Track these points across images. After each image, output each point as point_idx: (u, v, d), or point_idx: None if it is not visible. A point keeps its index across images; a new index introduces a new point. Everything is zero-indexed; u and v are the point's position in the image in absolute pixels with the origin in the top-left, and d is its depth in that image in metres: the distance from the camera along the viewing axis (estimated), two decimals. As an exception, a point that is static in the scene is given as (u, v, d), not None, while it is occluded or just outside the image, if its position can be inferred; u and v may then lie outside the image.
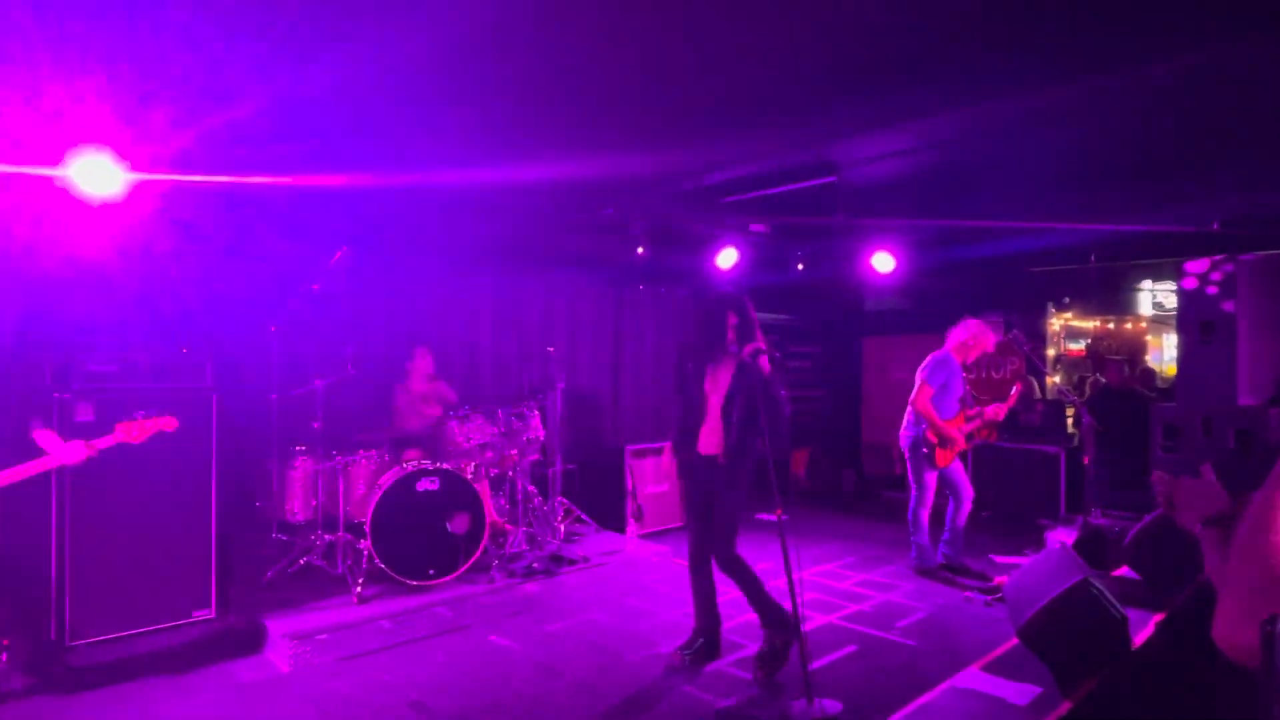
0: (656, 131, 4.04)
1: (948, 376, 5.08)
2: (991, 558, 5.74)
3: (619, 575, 5.16)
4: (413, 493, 4.69)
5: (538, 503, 5.76)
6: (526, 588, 4.82)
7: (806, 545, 6.15)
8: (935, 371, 5.08)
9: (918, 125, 3.89)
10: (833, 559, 5.75)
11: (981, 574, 5.15)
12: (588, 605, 4.58)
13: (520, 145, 4.02)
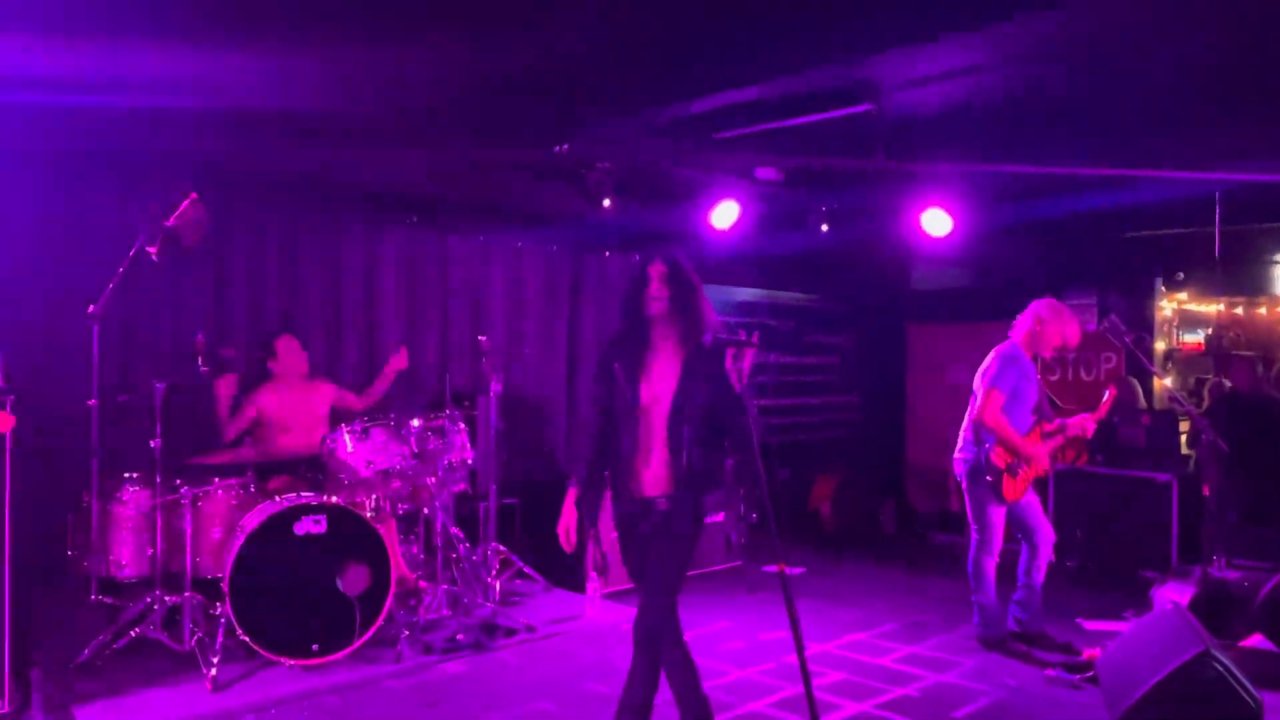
0: (627, 32, 3.99)
1: (1019, 378, 5.10)
2: (1080, 623, 5.75)
3: (576, 651, 5.12)
4: (289, 537, 4.65)
5: (464, 550, 5.75)
6: (448, 668, 4.79)
7: (832, 606, 6.15)
8: (1004, 371, 5.09)
9: (986, 32, 3.87)
10: (867, 626, 5.74)
11: (1067, 645, 5.16)
12: (533, 693, 4.54)
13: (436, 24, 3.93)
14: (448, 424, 5.45)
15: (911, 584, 6.84)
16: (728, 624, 5.71)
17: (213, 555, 4.87)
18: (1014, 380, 5.07)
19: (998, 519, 5.13)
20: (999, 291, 8.01)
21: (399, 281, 6.80)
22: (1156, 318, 8.26)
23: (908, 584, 6.84)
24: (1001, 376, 5.06)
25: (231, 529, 4.86)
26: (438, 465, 5.29)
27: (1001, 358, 5.13)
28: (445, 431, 5.42)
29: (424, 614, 5.19)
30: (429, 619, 5.21)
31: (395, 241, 6.78)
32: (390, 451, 5.14)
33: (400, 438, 5.20)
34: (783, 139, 5.64)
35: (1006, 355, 5.13)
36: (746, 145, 5.81)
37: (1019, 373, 5.09)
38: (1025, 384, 5.12)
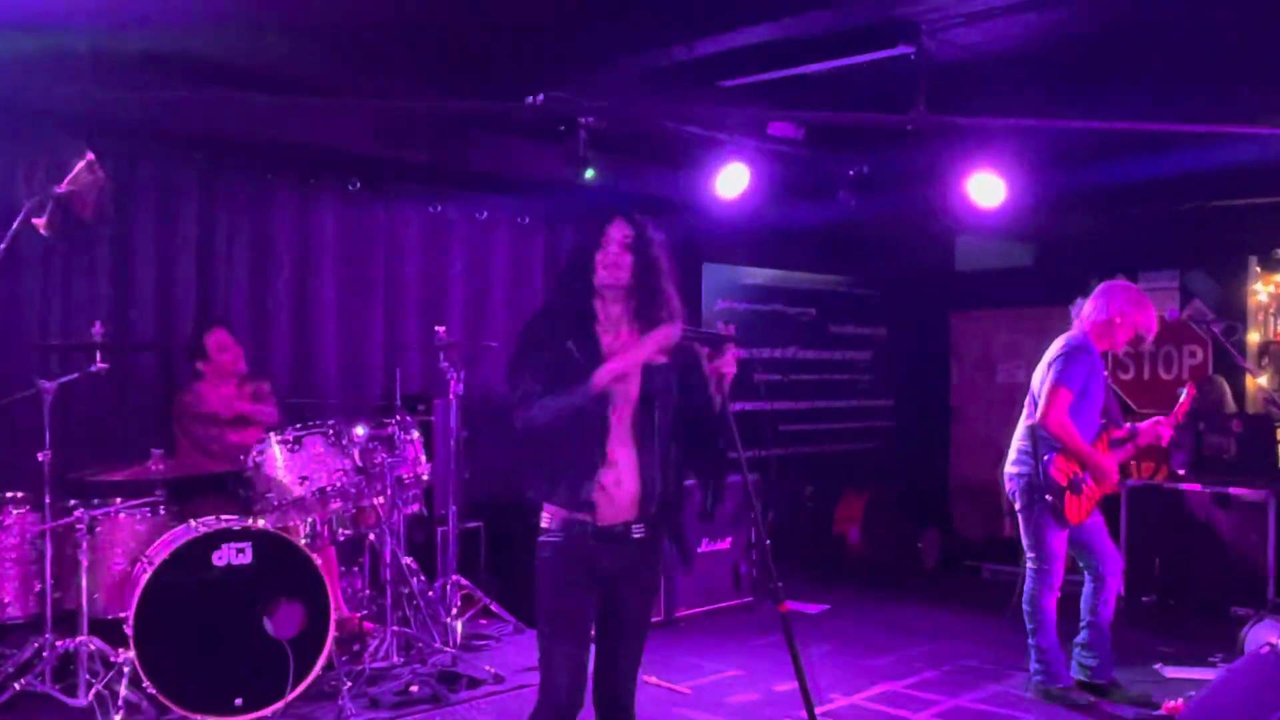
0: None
1: (1088, 374, 5.10)
2: (1158, 670, 5.75)
3: (553, 704, 5.13)
4: (208, 569, 4.64)
5: (418, 585, 5.73)
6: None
7: (860, 651, 6.14)
8: (1072, 365, 5.08)
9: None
10: (903, 674, 5.73)
11: (1142, 697, 5.17)
12: (501, 755, 4.54)
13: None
14: (398, 432, 5.42)
15: (955, 624, 6.84)
16: (738, 672, 5.72)
17: (114, 591, 4.82)
18: (1083, 377, 5.05)
19: (1058, 546, 5.13)
20: (1061, 273, 8.05)
21: (338, 260, 6.78)
22: (1250, 304, 8.26)
23: (951, 624, 6.84)
24: (1069, 371, 5.04)
25: (137, 559, 4.81)
26: (386, 482, 5.26)
27: (1069, 349, 5.11)
28: (395, 441, 5.40)
29: (370, 661, 5.16)
30: (376, 667, 5.17)
31: (333, 212, 6.77)
32: (329, 466, 5.11)
33: (341, 449, 5.17)
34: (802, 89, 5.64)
35: (1075, 346, 5.12)
36: (758, 96, 5.81)
37: (1089, 368, 5.07)
38: (1095, 382, 5.11)
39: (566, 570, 3.11)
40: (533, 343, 3.14)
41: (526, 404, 3.04)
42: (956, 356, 9.62)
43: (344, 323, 6.80)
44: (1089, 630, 5.22)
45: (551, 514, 3.12)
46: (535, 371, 3.07)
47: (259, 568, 4.72)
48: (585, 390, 2.99)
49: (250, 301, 6.40)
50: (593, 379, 2.99)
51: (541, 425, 3.04)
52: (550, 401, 3.01)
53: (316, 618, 4.79)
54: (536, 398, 3.04)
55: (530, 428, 3.06)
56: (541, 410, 3.02)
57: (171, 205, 6.13)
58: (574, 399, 3.00)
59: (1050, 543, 5.11)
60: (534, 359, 3.10)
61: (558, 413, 3.01)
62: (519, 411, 3.05)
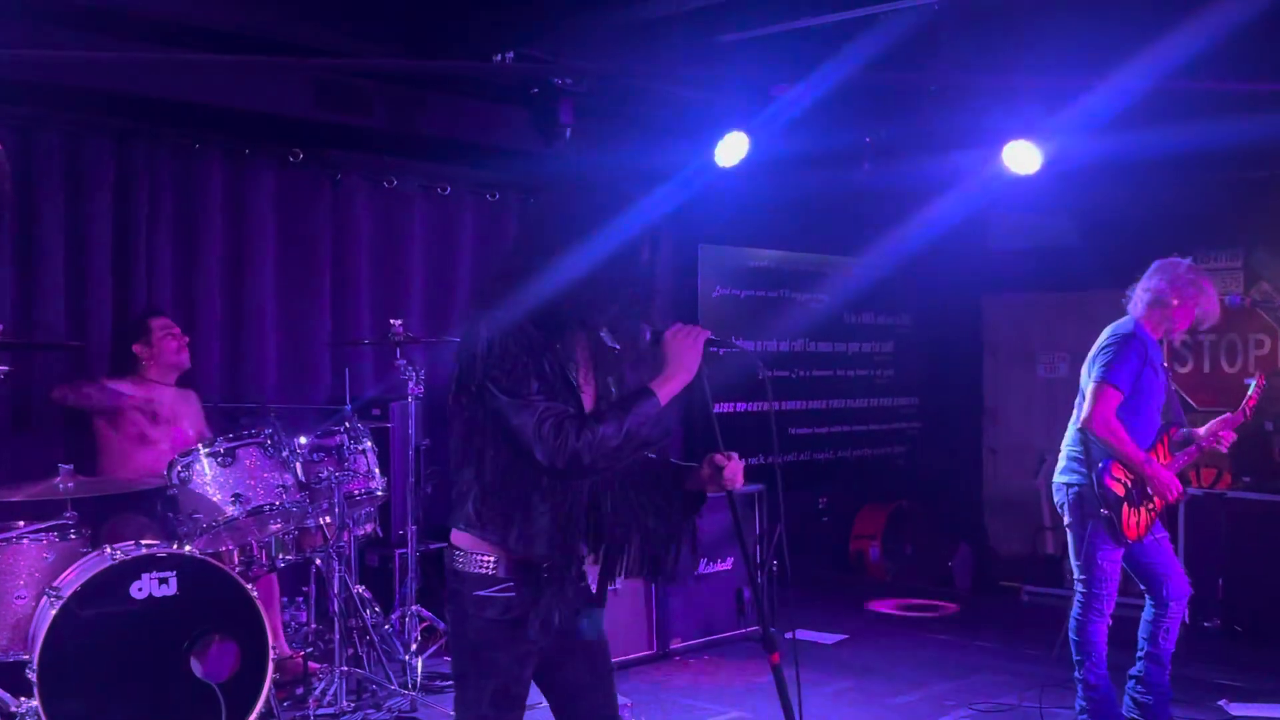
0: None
1: (1142, 368, 5.08)
2: (1223, 706, 5.73)
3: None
4: (126, 602, 4.58)
5: (372, 617, 5.72)
6: (349, 782, 4.82)
7: (882, 687, 6.13)
8: (1122, 359, 5.06)
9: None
10: (931, 713, 5.74)
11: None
12: (467, 814, 4.48)
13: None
14: (347, 442, 5.43)
15: (991, 654, 6.82)
16: (741, 714, 5.71)
17: (15, 630, 4.72)
18: (1135, 371, 5.04)
19: (1112, 567, 5.11)
20: (1108, 251, 8.01)
21: (277, 242, 6.75)
22: (1327, 287, 8.28)
23: (986, 654, 6.82)
24: (1118, 366, 5.03)
25: (43, 593, 4.71)
26: (334, 499, 5.26)
27: (1119, 339, 5.10)
28: (344, 452, 5.40)
29: (316, 707, 5.15)
30: (323, 714, 5.16)
31: (272, 187, 6.73)
32: (266, 481, 5.09)
33: (280, 462, 5.15)
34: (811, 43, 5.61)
35: (1125, 336, 5.10)
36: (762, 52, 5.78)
37: (1142, 361, 5.06)
38: (1151, 376, 5.09)
39: (520, 637, 2.94)
40: (524, 350, 2.88)
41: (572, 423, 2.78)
42: (990, 348, 9.62)
43: (284, 315, 6.77)
44: (1146, 662, 5.18)
45: (498, 559, 2.92)
46: (547, 386, 2.87)
47: (185, 600, 4.66)
48: (653, 407, 2.85)
49: (176, 291, 6.36)
50: (657, 393, 2.86)
51: (611, 452, 2.80)
52: (615, 422, 2.80)
53: (252, 657, 4.74)
54: (563, 415, 2.81)
55: (597, 456, 2.78)
56: (615, 433, 2.78)
57: (82, 181, 6.06)
58: (644, 419, 2.83)
59: (1103, 563, 5.08)
60: (540, 368, 2.89)
61: (628, 434, 2.79)
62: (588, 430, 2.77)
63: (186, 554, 4.73)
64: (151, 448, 5.50)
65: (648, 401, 2.84)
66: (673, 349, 2.94)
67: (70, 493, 4.97)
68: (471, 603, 2.92)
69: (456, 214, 7.49)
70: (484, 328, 2.87)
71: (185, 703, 4.62)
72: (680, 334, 2.97)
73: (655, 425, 2.85)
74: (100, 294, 6.09)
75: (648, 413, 2.83)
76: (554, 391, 2.85)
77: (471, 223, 7.57)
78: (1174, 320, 5.18)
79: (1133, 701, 5.22)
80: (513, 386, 2.81)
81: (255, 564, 5.26)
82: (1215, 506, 7.22)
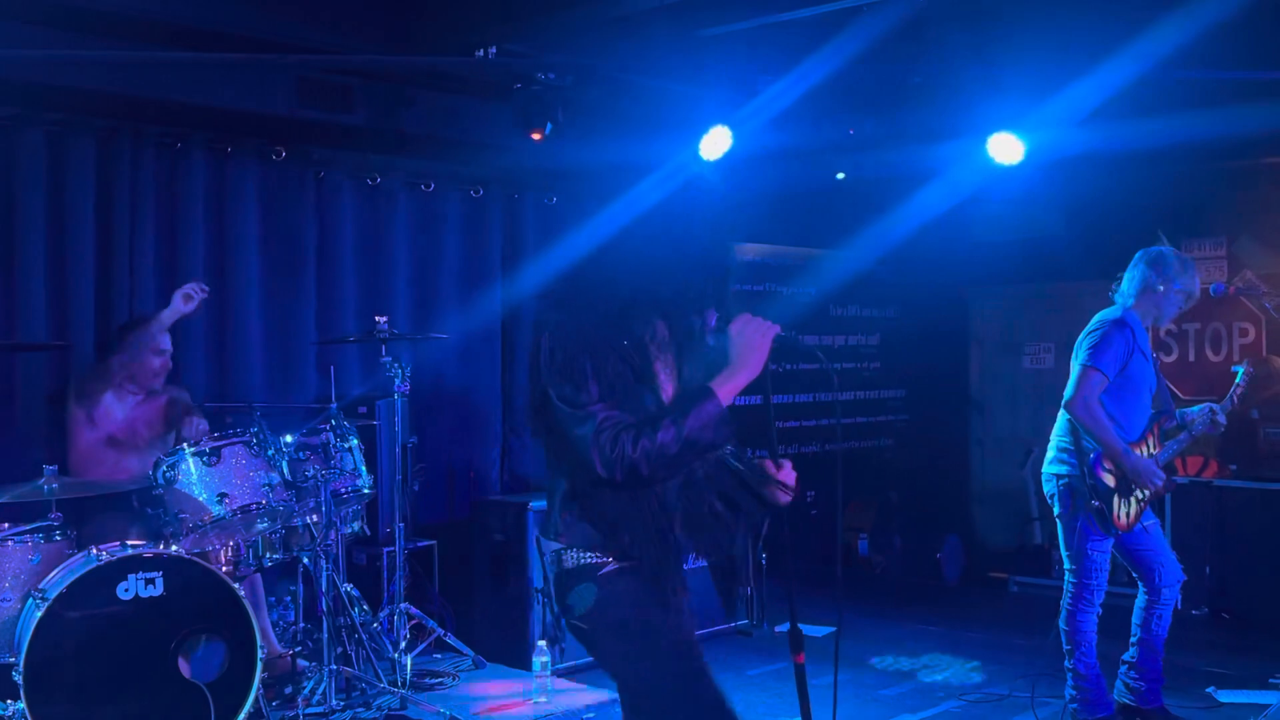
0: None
1: (1130, 354, 5.09)
2: (1212, 694, 5.75)
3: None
4: (112, 603, 4.56)
5: (361, 616, 5.73)
6: (339, 781, 4.81)
7: (872, 679, 6.14)
8: (1108, 343, 5.08)
9: None
10: (921, 705, 5.74)
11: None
12: (458, 811, 4.50)
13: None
14: (333, 440, 5.42)
15: (980, 646, 6.83)
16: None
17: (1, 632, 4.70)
18: (1121, 356, 5.05)
19: (1101, 557, 5.13)
20: (1093, 241, 8.03)
21: (261, 240, 6.73)
22: (1309, 274, 8.30)
23: (975, 646, 6.83)
24: (1104, 350, 5.04)
25: (29, 594, 4.70)
26: (320, 497, 5.25)
27: (1106, 325, 5.11)
28: (330, 450, 5.40)
29: (305, 706, 5.13)
30: (312, 713, 5.15)
31: (255, 185, 6.70)
32: (253, 480, 5.09)
33: (267, 460, 5.15)
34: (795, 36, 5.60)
35: (1112, 322, 5.11)
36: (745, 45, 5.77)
37: (1129, 347, 5.07)
38: (1141, 363, 5.11)
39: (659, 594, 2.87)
40: (588, 353, 2.78)
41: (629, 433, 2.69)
42: (976, 340, 9.62)
43: (269, 313, 6.74)
44: (1140, 648, 5.20)
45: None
46: (608, 389, 2.77)
47: (172, 600, 4.65)
48: (714, 408, 2.73)
49: (159, 291, 6.29)
50: (717, 392, 2.75)
51: (671, 460, 2.72)
52: (672, 427, 2.69)
53: (241, 657, 4.73)
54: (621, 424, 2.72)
55: (655, 465, 2.70)
56: (673, 440, 2.68)
57: (64, 180, 6.03)
58: (703, 421, 2.72)
59: (1093, 554, 5.10)
60: (602, 370, 2.77)
61: (686, 439, 2.69)
62: (645, 437, 2.69)
63: (173, 554, 4.72)
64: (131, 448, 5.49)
65: (708, 403, 2.73)
66: (739, 342, 2.82)
67: (55, 494, 4.96)
68: (601, 582, 2.84)
69: (440, 210, 7.47)
70: (546, 336, 2.82)
71: (174, 703, 4.61)
72: (748, 326, 2.84)
73: (718, 428, 2.74)
74: (83, 293, 6.07)
75: (709, 414, 2.72)
76: (620, 394, 2.76)
77: (456, 219, 7.55)
78: (1161, 307, 5.19)
79: (1125, 687, 5.25)
80: (573, 396, 2.75)
81: (242, 563, 5.28)
82: (1202, 494, 7.25)
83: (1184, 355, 8.43)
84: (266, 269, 6.75)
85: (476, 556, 6.61)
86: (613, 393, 2.76)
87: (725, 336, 2.85)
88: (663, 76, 6.27)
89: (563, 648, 6.32)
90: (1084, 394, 5.01)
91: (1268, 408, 7.25)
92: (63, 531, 4.94)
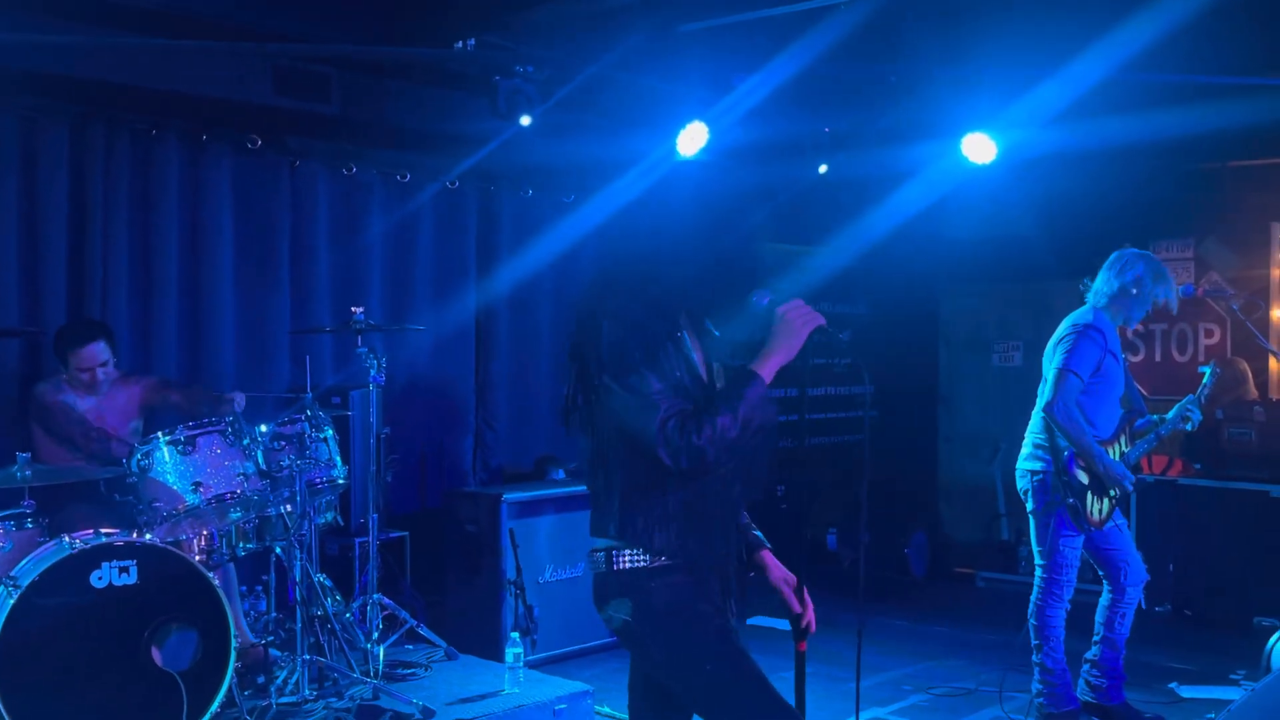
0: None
1: (1103, 356, 5.14)
2: (1174, 690, 5.82)
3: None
4: (85, 591, 4.52)
5: (334, 606, 5.66)
6: (311, 771, 4.76)
7: (840, 672, 6.14)
8: (1083, 346, 5.13)
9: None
10: (888, 699, 5.78)
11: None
12: (430, 802, 4.49)
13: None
14: (308, 429, 5.36)
15: (948, 640, 6.90)
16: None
17: (-28, 620, 4.70)
18: (1095, 359, 5.11)
19: (1072, 553, 5.18)
20: (1062, 241, 8.08)
21: (235, 229, 6.69)
22: (1273, 276, 8.38)
23: (943, 640, 6.90)
24: (1077, 354, 5.09)
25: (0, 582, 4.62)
26: (295, 487, 5.21)
27: (1079, 329, 5.15)
28: (305, 440, 5.34)
29: (278, 696, 5.10)
30: (285, 703, 5.10)
31: (229, 174, 6.66)
32: (227, 470, 5.05)
33: (241, 450, 5.11)
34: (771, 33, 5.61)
35: (1085, 326, 5.16)
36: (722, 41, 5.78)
37: (1103, 350, 5.12)
38: (1112, 365, 5.16)
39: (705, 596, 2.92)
40: (643, 346, 2.81)
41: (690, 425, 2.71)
42: (946, 337, 9.67)
43: (243, 303, 6.71)
44: (1102, 646, 5.27)
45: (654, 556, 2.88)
46: (668, 378, 2.80)
47: (145, 589, 4.60)
48: (760, 389, 2.78)
49: (132, 278, 6.29)
50: (760, 372, 2.80)
51: (732, 443, 2.75)
52: (729, 413, 2.73)
53: (214, 646, 4.70)
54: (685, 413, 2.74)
55: (720, 449, 2.73)
56: (732, 423, 2.72)
57: (37, 166, 5.98)
58: (754, 402, 2.76)
59: (1064, 550, 5.16)
60: (659, 360, 2.81)
61: (743, 421, 2.73)
62: (708, 422, 2.71)
63: (147, 542, 4.67)
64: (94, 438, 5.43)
65: (754, 384, 2.79)
66: (783, 325, 2.86)
67: (28, 481, 4.91)
68: (648, 575, 2.85)
69: (416, 201, 7.44)
70: (607, 325, 2.82)
71: (147, 692, 4.57)
72: (795, 312, 2.87)
73: (766, 407, 2.79)
74: (54, 282, 6.02)
75: (758, 394, 2.78)
76: (676, 385, 2.80)
77: (431, 211, 7.53)
78: (1132, 309, 5.24)
79: (1087, 685, 5.30)
80: (638, 385, 2.76)
81: (215, 552, 5.19)
82: (1167, 493, 7.31)
83: (1150, 356, 8.51)
84: (240, 258, 6.71)
85: (449, 548, 6.61)
86: (671, 382, 2.79)
87: (772, 314, 2.88)
88: (640, 72, 6.27)
89: (535, 639, 6.34)
90: (1062, 397, 5.05)
91: (1232, 409, 7.32)
92: (35, 519, 4.89)
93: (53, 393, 5.43)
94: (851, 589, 8.22)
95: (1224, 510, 7.07)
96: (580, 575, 6.53)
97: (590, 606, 3.06)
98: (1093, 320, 5.18)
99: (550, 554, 6.49)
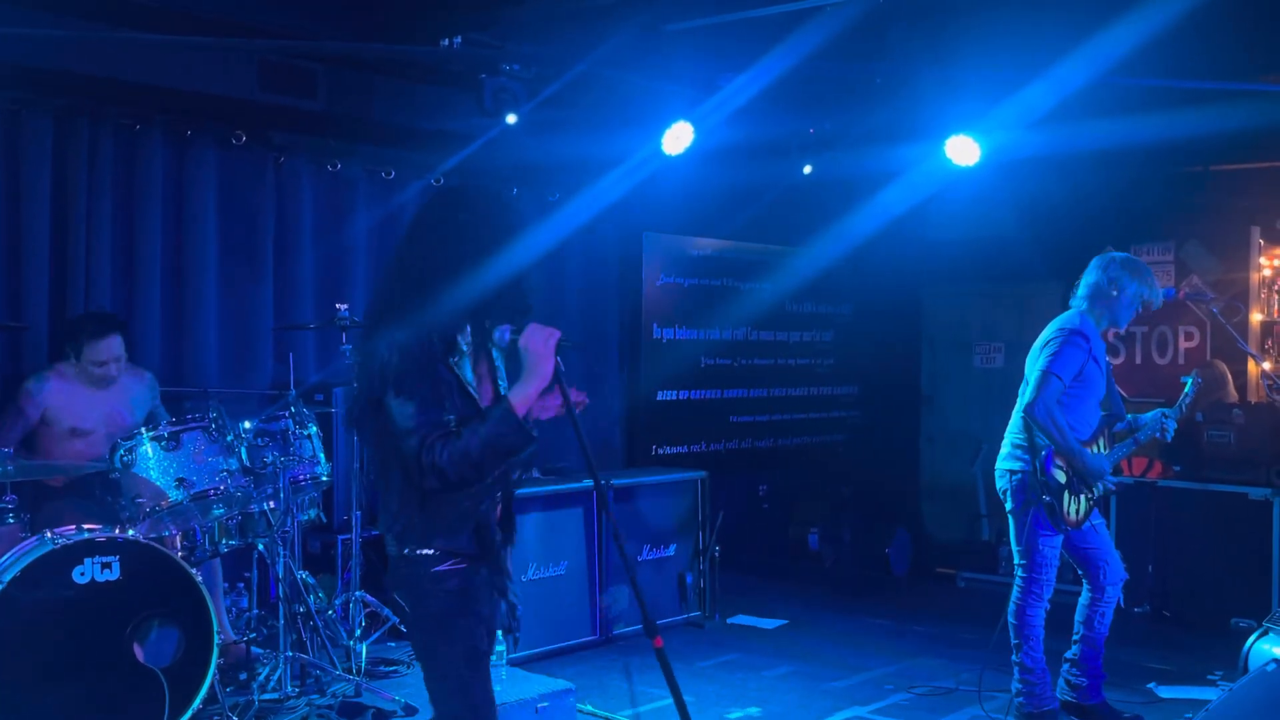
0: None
1: (1084, 359, 5.17)
2: (1153, 689, 5.85)
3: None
4: (68, 587, 4.53)
5: (316, 603, 5.68)
6: (293, 768, 4.78)
7: (822, 671, 6.19)
8: (1066, 349, 5.15)
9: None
10: (869, 697, 5.78)
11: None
12: (413, 798, 4.49)
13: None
14: (292, 426, 5.37)
15: (928, 639, 6.92)
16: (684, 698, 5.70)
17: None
18: (1078, 363, 5.13)
19: (1051, 553, 5.20)
20: (1044, 243, 8.11)
21: (220, 225, 6.67)
22: (1253, 280, 8.41)
23: (924, 639, 6.91)
24: (1062, 356, 5.11)
25: (-19, 577, 4.68)
26: (278, 484, 5.22)
27: (1064, 333, 5.18)
28: (289, 437, 5.35)
29: (260, 693, 5.11)
30: (267, 699, 5.12)
31: (214, 170, 6.64)
32: (210, 466, 5.06)
33: (225, 446, 5.11)
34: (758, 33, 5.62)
35: (1069, 329, 5.18)
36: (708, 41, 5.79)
37: (1086, 354, 5.14)
38: (1094, 369, 5.18)
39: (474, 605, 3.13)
40: (418, 363, 2.96)
41: (438, 445, 2.87)
42: (929, 338, 9.70)
43: (227, 299, 6.69)
44: (1082, 645, 5.30)
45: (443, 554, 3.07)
46: (437, 397, 2.95)
47: (128, 585, 4.61)
48: (506, 416, 2.91)
49: (115, 274, 6.25)
50: (511, 403, 2.92)
51: (475, 465, 2.90)
52: (472, 436, 2.88)
53: (196, 642, 4.71)
54: (450, 430, 2.91)
55: (462, 469, 2.89)
56: (475, 446, 2.87)
57: (20, 160, 5.95)
58: (499, 428, 2.90)
59: (1043, 549, 5.17)
60: (429, 380, 2.96)
61: (485, 446, 2.87)
62: (449, 446, 2.86)
63: (129, 538, 4.67)
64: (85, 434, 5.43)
65: (499, 409, 2.93)
66: (528, 355, 2.97)
67: (9, 476, 4.90)
68: (429, 579, 3.02)
69: (400, 198, 7.41)
70: (382, 344, 2.95)
71: (129, 688, 4.58)
72: (534, 336, 2.98)
73: (517, 433, 2.92)
74: (37, 276, 5.98)
75: (505, 421, 2.91)
76: (446, 403, 2.94)
77: (415, 207, 7.45)
78: (1116, 312, 5.27)
79: (1066, 684, 5.32)
80: (404, 404, 2.90)
81: (198, 549, 5.20)
82: (1146, 495, 7.34)
83: (1131, 358, 8.53)
84: (224, 254, 6.68)
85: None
86: (442, 401, 2.93)
87: (515, 347, 3.01)
88: (627, 71, 6.27)
89: (516, 637, 6.32)
90: (1044, 399, 5.07)
91: (1212, 411, 7.36)
92: (17, 514, 4.88)
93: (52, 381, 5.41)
94: (833, 587, 8.27)
95: (1203, 512, 7.10)
96: (564, 574, 6.55)
97: (574, 604, 3.14)
98: (1079, 325, 5.20)
99: (532, 552, 6.49)
